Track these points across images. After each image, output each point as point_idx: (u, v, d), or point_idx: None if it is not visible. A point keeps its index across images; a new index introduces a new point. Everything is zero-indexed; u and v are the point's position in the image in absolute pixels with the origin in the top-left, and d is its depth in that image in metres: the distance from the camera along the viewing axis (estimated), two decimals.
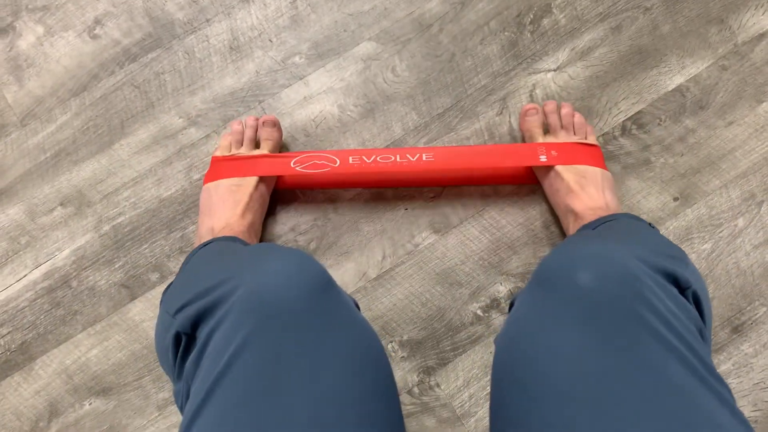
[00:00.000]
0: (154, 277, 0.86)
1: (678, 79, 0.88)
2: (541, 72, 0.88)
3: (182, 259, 0.86)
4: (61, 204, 0.87)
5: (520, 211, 0.86)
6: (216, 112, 0.89)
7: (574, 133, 0.82)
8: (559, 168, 0.79)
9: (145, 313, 0.85)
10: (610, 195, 0.78)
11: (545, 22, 0.90)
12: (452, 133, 0.87)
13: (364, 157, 0.80)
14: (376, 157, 0.80)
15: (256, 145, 0.85)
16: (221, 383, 0.42)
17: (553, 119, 0.82)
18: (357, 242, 0.86)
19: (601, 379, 0.41)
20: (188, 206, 0.87)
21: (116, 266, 0.86)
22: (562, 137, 0.82)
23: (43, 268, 0.86)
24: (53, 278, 0.86)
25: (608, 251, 0.47)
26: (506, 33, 0.89)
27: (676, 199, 0.85)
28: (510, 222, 0.86)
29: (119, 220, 0.87)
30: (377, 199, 0.87)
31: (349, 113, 0.88)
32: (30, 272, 0.86)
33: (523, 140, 0.86)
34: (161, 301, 0.62)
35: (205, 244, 0.70)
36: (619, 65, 0.88)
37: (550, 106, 0.82)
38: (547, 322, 0.46)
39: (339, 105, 0.89)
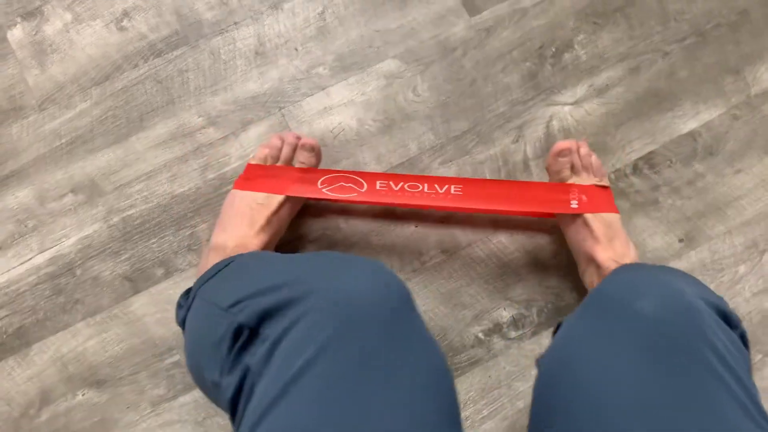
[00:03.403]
0: (160, 272, 0.85)
1: (691, 124, 0.90)
2: (558, 105, 0.90)
3: (190, 256, 0.86)
4: (72, 191, 0.87)
5: (528, 239, 0.87)
6: (236, 115, 0.90)
7: (594, 174, 0.81)
8: (587, 215, 0.78)
9: (147, 308, 0.85)
10: (633, 247, 0.79)
11: (566, 56, 0.91)
12: (467, 157, 0.89)
13: (391, 183, 0.80)
14: (404, 184, 0.80)
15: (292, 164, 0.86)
16: (299, 382, 0.42)
17: (576, 159, 0.82)
18: (365, 254, 0.87)
19: (659, 413, 0.41)
20: (200, 205, 0.87)
21: (122, 258, 0.86)
22: (584, 178, 0.81)
23: (48, 254, 0.86)
24: (57, 265, 0.85)
25: (669, 282, 0.48)
26: (528, 63, 0.91)
27: (681, 240, 0.87)
28: (518, 248, 0.87)
29: (129, 213, 0.87)
30: (388, 214, 0.87)
31: (367, 127, 0.89)
32: (34, 256, 0.86)
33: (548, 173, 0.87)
34: (194, 296, 0.62)
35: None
36: (635, 105, 0.90)
37: (572, 144, 0.82)
38: (604, 347, 0.46)
39: (358, 119, 0.89)
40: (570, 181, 0.81)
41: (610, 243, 0.77)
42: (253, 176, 0.81)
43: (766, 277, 0.86)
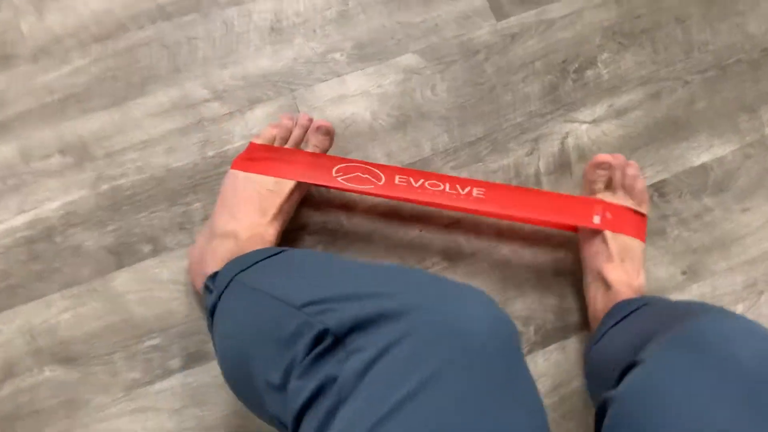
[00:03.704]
0: (147, 248, 0.80)
1: (704, 157, 0.89)
2: (576, 122, 0.88)
3: (181, 235, 0.81)
4: (61, 152, 0.81)
5: (533, 255, 0.85)
6: (244, 91, 0.85)
7: (632, 197, 0.80)
8: (607, 232, 0.77)
9: (129, 285, 0.79)
10: (643, 275, 0.78)
11: (589, 73, 0.90)
12: (480, 164, 0.86)
13: (411, 180, 0.77)
14: (425, 182, 0.77)
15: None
16: (398, 416, 0.38)
17: (618, 176, 0.80)
18: (366, 254, 0.83)
19: None
20: (197, 182, 0.82)
21: (108, 229, 0.80)
22: (620, 197, 0.79)
23: (27, 216, 0.80)
24: (36, 229, 0.80)
25: (762, 331, 0.46)
26: (549, 76, 0.89)
27: (684, 273, 0.86)
28: (521, 263, 0.84)
29: (120, 182, 0.81)
30: (393, 214, 0.84)
31: (380, 121, 0.86)
32: (12, 218, 0.79)
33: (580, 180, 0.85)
34: (228, 282, 0.58)
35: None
36: (652, 131, 0.89)
37: (619, 160, 0.81)
38: (696, 388, 0.44)
39: (372, 111, 0.86)
40: (601, 196, 0.79)
41: (622, 264, 0.76)
42: (257, 157, 0.77)
43: (762, 317, 0.85)
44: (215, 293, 0.61)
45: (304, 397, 0.43)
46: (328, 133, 0.78)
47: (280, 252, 0.63)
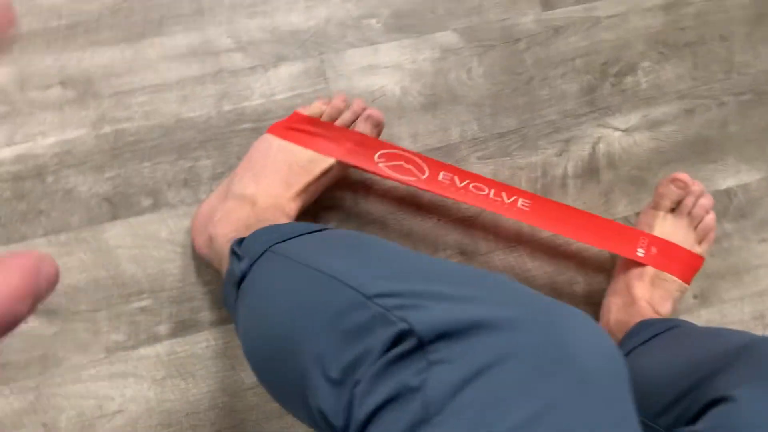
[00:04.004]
0: (146, 202, 0.74)
1: (730, 182, 0.87)
2: (610, 128, 0.85)
3: (184, 192, 0.74)
4: (62, 84, 0.73)
5: (550, 261, 0.81)
6: (270, 46, 0.78)
7: (695, 230, 0.77)
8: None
9: (122, 239, 0.73)
10: (670, 308, 0.75)
11: (628, 79, 0.86)
12: (507, 158, 0.82)
13: (456, 179, 0.72)
14: (470, 183, 0.72)
15: None
16: None
17: (689, 202, 0.77)
18: (378, 235, 0.78)
19: None
20: (208, 137, 0.75)
21: (105, 176, 0.73)
22: (682, 226, 0.76)
23: (17, 149, 0.72)
24: (26, 165, 0.72)
25: None
26: (588, 76, 0.85)
27: (695, 297, 0.84)
28: (537, 267, 0.81)
29: (125, 126, 0.74)
30: (412, 200, 0.79)
31: (410, 99, 0.80)
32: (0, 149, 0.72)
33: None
34: (263, 251, 0.52)
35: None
36: (682, 148, 0.86)
37: (697, 186, 0.77)
38: None
39: (403, 87, 0.80)
40: (663, 217, 0.77)
41: (651, 287, 0.74)
42: (299, 129, 0.71)
43: None
44: (246, 260, 0.55)
45: (374, 403, 0.37)
46: (378, 125, 0.73)
47: (323, 229, 0.57)
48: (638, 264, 0.76)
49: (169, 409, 0.72)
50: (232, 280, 0.56)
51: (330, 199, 0.78)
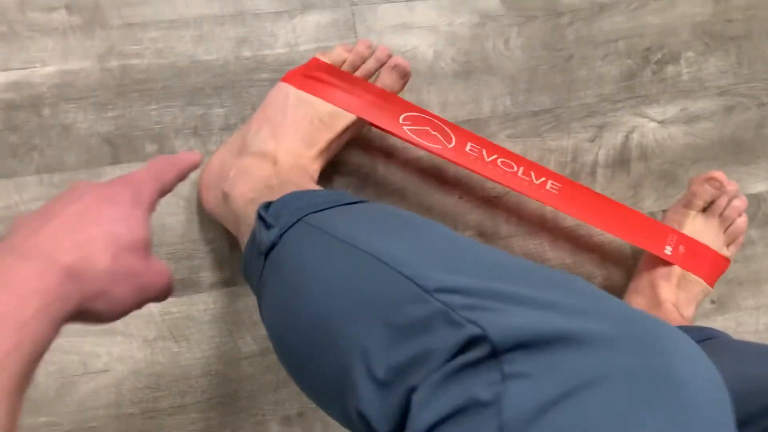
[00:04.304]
0: (151, 148, 0.68)
1: (760, 187, 0.84)
2: (646, 117, 0.80)
3: (193, 141, 0.68)
4: (67, 8, 0.66)
5: (570, 251, 0.77)
6: None
7: (724, 231, 0.74)
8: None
9: None
10: (694, 311, 0.73)
11: (669, 68, 0.81)
12: (538, 139, 0.77)
13: (484, 151, 0.67)
14: (498, 158, 0.67)
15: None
16: None
17: (722, 202, 0.73)
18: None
19: None
20: (224, 84, 0.69)
21: (108, 115, 0.67)
22: (712, 227, 0.73)
23: (12, 76, 0.65)
24: (21, 94, 0.65)
25: None
26: (629, 61, 0.80)
27: (713, 302, 0.81)
28: (556, 257, 0.77)
29: (134, 62, 0.67)
30: (435, 172, 0.74)
31: (443, 65, 0.75)
32: None
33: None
34: (296, 221, 0.46)
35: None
36: (716, 146, 0.82)
37: (733, 187, 0.74)
38: None
39: (436, 51, 0.75)
40: (694, 216, 0.73)
41: (677, 289, 0.71)
42: (318, 78, 0.65)
43: None
44: (276, 230, 0.49)
45: (437, 414, 0.32)
46: (405, 76, 0.67)
47: (361, 202, 0.52)
48: (664, 262, 0.72)
49: (158, 372, 0.67)
50: (258, 249, 0.50)
51: (348, 164, 0.72)
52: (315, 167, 0.62)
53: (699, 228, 0.74)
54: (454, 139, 0.66)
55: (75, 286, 0.34)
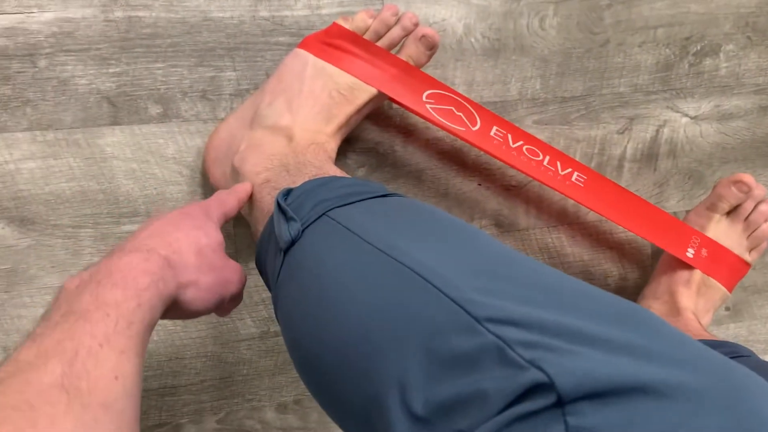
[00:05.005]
0: (155, 110, 0.62)
1: None
2: (679, 112, 0.76)
3: (200, 105, 0.63)
4: None
5: (589, 247, 0.74)
6: None
7: (748, 237, 0.70)
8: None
9: (122, 149, 0.62)
10: (710, 318, 0.70)
11: (707, 62, 0.77)
12: (566, 127, 0.73)
13: (510, 138, 0.62)
14: (524, 145, 0.62)
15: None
16: None
17: (747, 206, 0.70)
18: (411, 193, 0.69)
19: None
20: (237, 45, 0.64)
21: (110, 70, 0.61)
22: (735, 231, 0.70)
23: (6, 20, 0.59)
24: (15, 41, 0.59)
25: None
26: (668, 50, 0.75)
27: (727, 309, 0.79)
28: (574, 253, 0.74)
29: (141, 14, 0.61)
30: (455, 157, 0.70)
31: (473, 40, 0.70)
32: None
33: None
34: (320, 215, 0.42)
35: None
36: (748, 147, 0.78)
37: (761, 191, 0.70)
38: None
39: (466, 25, 0.69)
40: (718, 219, 0.70)
41: (697, 296, 0.68)
42: (339, 46, 0.60)
43: None
44: (297, 223, 0.45)
45: None
46: (432, 48, 0.62)
47: (392, 195, 0.47)
48: (684, 266, 0.69)
49: (150, 351, 0.63)
50: (277, 244, 0.46)
51: (364, 142, 0.68)
52: (333, 145, 0.58)
53: (722, 232, 0.71)
54: (479, 122, 0.62)
55: (171, 272, 0.40)
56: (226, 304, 0.48)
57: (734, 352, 0.61)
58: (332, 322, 0.39)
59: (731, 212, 0.72)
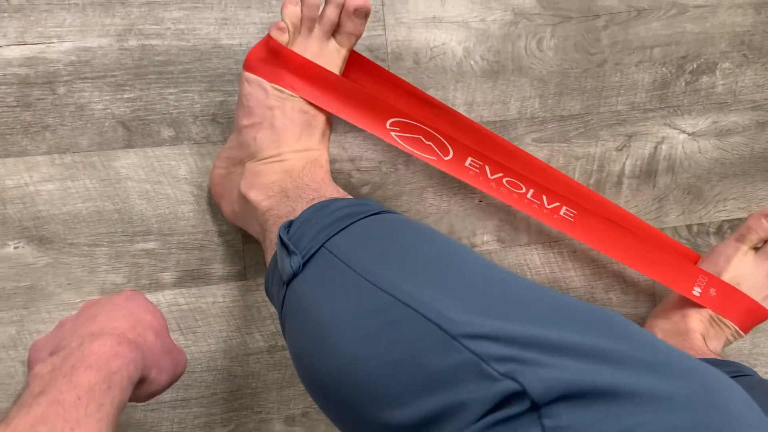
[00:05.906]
0: (167, 133, 0.65)
1: None
2: (676, 129, 0.78)
3: (211, 129, 0.66)
4: None
5: (592, 262, 0.75)
6: None
7: None
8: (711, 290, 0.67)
9: (135, 171, 0.65)
10: (722, 346, 0.70)
11: (704, 79, 0.79)
12: (565, 145, 0.75)
13: (487, 169, 0.63)
14: (504, 177, 0.63)
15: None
16: None
17: None
18: (414, 210, 0.72)
19: None
20: None
21: (125, 96, 0.64)
22: (762, 269, 0.69)
23: (27, 50, 0.62)
24: (36, 69, 0.63)
25: None
26: (664, 69, 0.77)
27: None
28: (576, 267, 0.75)
29: (154, 42, 0.65)
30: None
31: (472, 63, 0.72)
32: (7, 46, 0.62)
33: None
34: (318, 248, 0.45)
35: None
36: (746, 163, 0.80)
37: None
38: None
39: (465, 48, 0.72)
40: (745, 252, 0.70)
41: (709, 324, 0.68)
42: (281, 64, 0.58)
43: None
44: (297, 258, 0.47)
45: None
46: (365, 16, 0.60)
47: (380, 213, 0.49)
48: (693, 304, 0.69)
49: None
50: (281, 276, 0.49)
51: (368, 160, 0.70)
52: (325, 155, 0.60)
53: (748, 267, 0.70)
54: (451, 152, 0.63)
55: (140, 355, 0.43)
56: (154, 390, 0.48)
57: (737, 372, 0.62)
58: (328, 355, 0.42)
59: (760, 248, 0.71)
